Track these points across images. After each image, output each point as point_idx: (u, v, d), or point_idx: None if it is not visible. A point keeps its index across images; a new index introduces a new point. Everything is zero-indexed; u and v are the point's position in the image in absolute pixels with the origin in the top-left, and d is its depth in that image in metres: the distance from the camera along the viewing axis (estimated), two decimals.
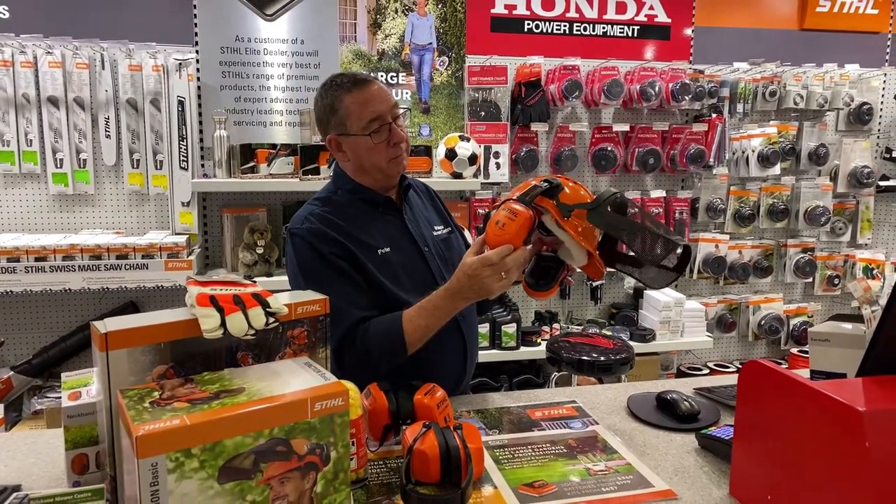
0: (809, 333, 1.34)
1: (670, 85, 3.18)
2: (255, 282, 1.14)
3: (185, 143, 2.81)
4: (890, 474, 0.84)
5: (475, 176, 2.95)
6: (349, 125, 1.46)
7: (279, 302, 1.07)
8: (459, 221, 3.12)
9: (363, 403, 1.22)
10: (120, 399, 0.91)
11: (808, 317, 3.63)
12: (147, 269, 2.59)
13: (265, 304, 1.03)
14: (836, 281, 3.65)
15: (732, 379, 1.62)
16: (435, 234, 1.57)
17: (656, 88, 3.16)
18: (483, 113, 3.14)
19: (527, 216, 1.24)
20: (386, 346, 1.39)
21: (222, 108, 2.83)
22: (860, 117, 3.53)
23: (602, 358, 2.46)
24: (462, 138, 2.91)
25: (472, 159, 2.88)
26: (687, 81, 3.19)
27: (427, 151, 2.98)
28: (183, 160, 2.81)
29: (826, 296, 3.72)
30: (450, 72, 3.12)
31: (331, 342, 1.38)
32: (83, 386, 1.12)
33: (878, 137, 3.68)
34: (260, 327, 1.00)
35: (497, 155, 3.12)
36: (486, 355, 3.00)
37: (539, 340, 3.08)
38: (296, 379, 0.98)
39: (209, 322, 0.98)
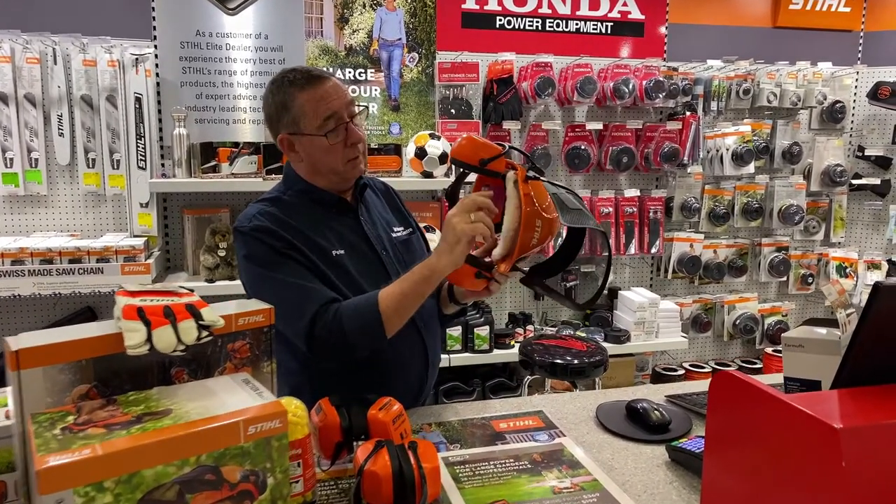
0: (783, 339, 1.28)
1: (644, 82, 3.14)
2: (192, 291, 1.05)
3: (142, 142, 2.69)
4: (868, 494, 0.78)
5: (446, 175, 2.87)
6: (303, 124, 1.38)
7: (215, 314, 0.98)
8: (431, 221, 3.07)
9: (313, 420, 1.14)
10: (29, 425, 0.82)
11: (783, 316, 3.62)
12: (102, 273, 2.47)
13: (198, 316, 0.95)
14: (810, 280, 3.65)
15: (704, 385, 1.57)
16: (394, 235, 1.50)
17: (630, 86, 3.12)
18: (454, 111, 3.07)
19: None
20: (360, 319, 1.28)
21: (182, 106, 2.72)
22: (833, 115, 3.52)
23: (575, 361, 2.43)
24: (432, 136, 2.83)
25: (443, 158, 2.81)
26: (661, 79, 3.15)
27: (396, 150, 2.90)
28: (141, 159, 2.70)
29: (800, 295, 3.71)
30: (420, 68, 3.05)
31: (300, 326, 1.29)
32: (2, 406, 1.02)
33: (851, 136, 3.68)
34: (190, 342, 0.92)
35: None
36: (459, 358, 2.93)
37: (512, 343, 3.02)
38: (231, 398, 0.90)
39: (134, 337, 0.89)
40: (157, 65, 2.73)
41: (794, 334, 1.28)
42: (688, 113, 3.30)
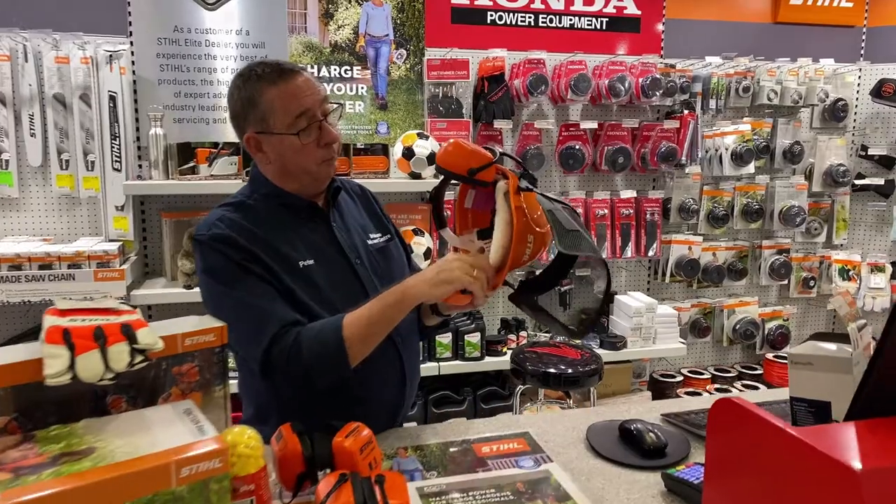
0: (788, 356, 1.18)
1: (640, 80, 3.04)
2: (134, 308, 0.94)
3: (118, 142, 2.58)
4: None
5: (435, 176, 2.77)
6: (272, 122, 1.28)
7: (154, 335, 0.87)
8: (419, 224, 2.96)
9: (273, 448, 1.03)
10: None
11: (784, 320, 3.52)
12: (74, 279, 2.36)
13: (133, 339, 0.84)
14: (812, 283, 3.54)
15: (703, 402, 1.47)
16: (370, 242, 1.39)
17: (626, 83, 3.01)
18: (443, 109, 2.96)
19: None
20: (320, 346, 1.18)
21: (159, 104, 2.61)
22: (835, 114, 3.42)
23: (569, 370, 2.32)
24: (420, 136, 2.73)
25: (431, 158, 2.70)
26: (658, 76, 3.04)
27: (384, 150, 2.79)
28: (116, 160, 2.59)
29: (802, 298, 3.61)
30: (408, 65, 2.94)
31: (257, 350, 1.19)
32: None
33: (854, 135, 3.58)
34: (121, 369, 0.81)
35: None
36: (449, 367, 2.82)
37: (505, 350, 2.92)
38: (166, 433, 0.80)
39: (54, 365, 0.78)
40: (132, 62, 2.62)
41: (801, 350, 1.17)
42: (686, 111, 3.20)
